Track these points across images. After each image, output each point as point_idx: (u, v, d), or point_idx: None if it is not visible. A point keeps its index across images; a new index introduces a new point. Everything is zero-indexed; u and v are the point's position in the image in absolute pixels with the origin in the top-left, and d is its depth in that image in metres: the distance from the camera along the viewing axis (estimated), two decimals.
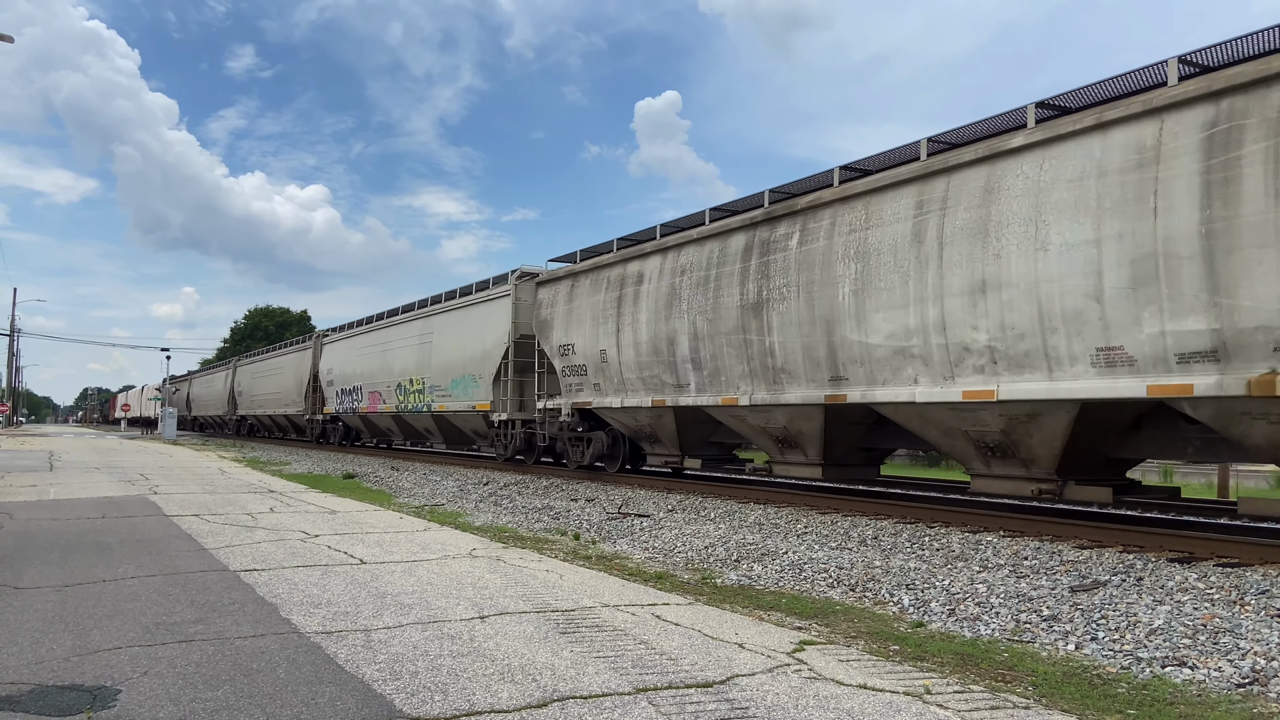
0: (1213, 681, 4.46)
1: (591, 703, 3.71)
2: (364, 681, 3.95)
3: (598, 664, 4.30)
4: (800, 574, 7.41)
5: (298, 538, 8.56)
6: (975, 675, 4.46)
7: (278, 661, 4.25)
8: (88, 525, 9.24)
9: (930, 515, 10.06)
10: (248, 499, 12.41)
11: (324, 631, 4.84)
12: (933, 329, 9.21)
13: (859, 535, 9.14)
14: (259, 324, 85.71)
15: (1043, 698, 4.10)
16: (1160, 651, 4.96)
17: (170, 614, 5.22)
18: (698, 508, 11.64)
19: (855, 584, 6.97)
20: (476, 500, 13.47)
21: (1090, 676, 4.56)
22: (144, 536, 8.47)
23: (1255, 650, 4.83)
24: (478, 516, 11.33)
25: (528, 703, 3.71)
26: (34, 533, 8.63)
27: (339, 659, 4.30)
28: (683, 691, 3.89)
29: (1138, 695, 4.24)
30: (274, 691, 3.79)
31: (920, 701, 3.86)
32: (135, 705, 3.59)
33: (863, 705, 3.78)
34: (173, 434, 45.72)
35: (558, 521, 10.89)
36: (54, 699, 3.67)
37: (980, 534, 8.87)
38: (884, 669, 4.43)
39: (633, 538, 9.58)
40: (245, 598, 5.70)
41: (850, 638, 5.22)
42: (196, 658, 4.29)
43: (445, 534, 9.20)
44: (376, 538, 8.68)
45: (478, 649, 4.54)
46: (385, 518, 10.55)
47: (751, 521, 10.35)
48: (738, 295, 11.94)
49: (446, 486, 15.67)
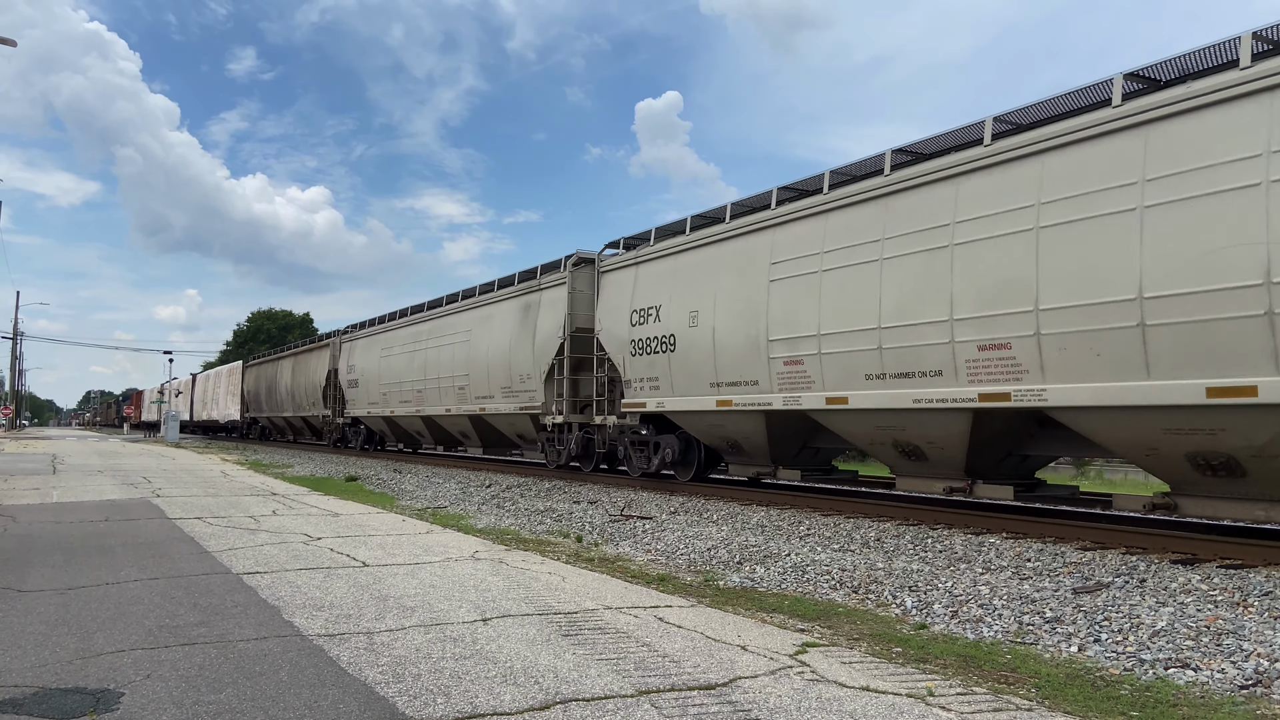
0: (1216, 683, 4.46)
1: (594, 705, 3.71)
2: (367, 684, 3.95)
3: (600, 666, 4.30)
4: (803, 576, 7.41)
5: (300, 540, 8.56)
6: (978, 677, 4.45)
7: (280, 664, 4.25)
8: (91, 528, 9.25)
9: (933, 517, 10.05)
10: (250, 502, 12.42)
11: (327, 634, 4.85)
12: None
13: (862, 537, 9.13)
14: (262, 326, 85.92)
15: (1045, 699, 4.10)
16: (1163, 653, 4.95)
17: (173, 617, 5.22)
18: (700, 510, 11.63)
19: (858, 586, 6.97)
20: (479, 502, 13.48)
21: (1093, 678, 4.56)
22: (147, 539, 8.48)
23: (1258, 652, 4.83)
24: (480, 519, 11.33)
25: (530, 705, 3.71)
26: (37, 536, 8.64)
27: (342, 661, 4.31)
28: (685, 694, 3.89)
29: (1141, 697, 4.23)
30: (277, 694, 3.79)
31: (923, 704, 3.86)
32: (138, 708, 3.60)
33: (865, 707, 3.77)
34: (175, 437, 45.77)
35: (560, 524, 10.89)
36: (57, 701, 3.68)
37: (983, 535, 8.86)
38: (887, 671, 4.43)
39: (635, 540, 9.58)
40: (248, 600, 5.71)
41: (853, 640, 5.21)
42: (199, 660, 4.29)
43: (448, 536, 9.21)
44: (379, 540, 8.69)
45: (480, 651, 4.54)
46: (388, 520, 10.56)
47: (754, 523, 10.34)
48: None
49: (449, 489, 15.68)
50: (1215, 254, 7.12)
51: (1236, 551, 7.40)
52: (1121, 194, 7.81)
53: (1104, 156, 8.02)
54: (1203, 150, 7.30)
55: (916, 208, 9.79)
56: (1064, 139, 8.37)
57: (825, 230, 10.97)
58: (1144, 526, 8.74)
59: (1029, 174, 8.67)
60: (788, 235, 11.55)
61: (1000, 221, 8.85)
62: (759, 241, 12.01)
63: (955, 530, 9.28)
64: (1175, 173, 7.45)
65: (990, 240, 8.93)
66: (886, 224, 10.12)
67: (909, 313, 9.71)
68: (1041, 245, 8.44)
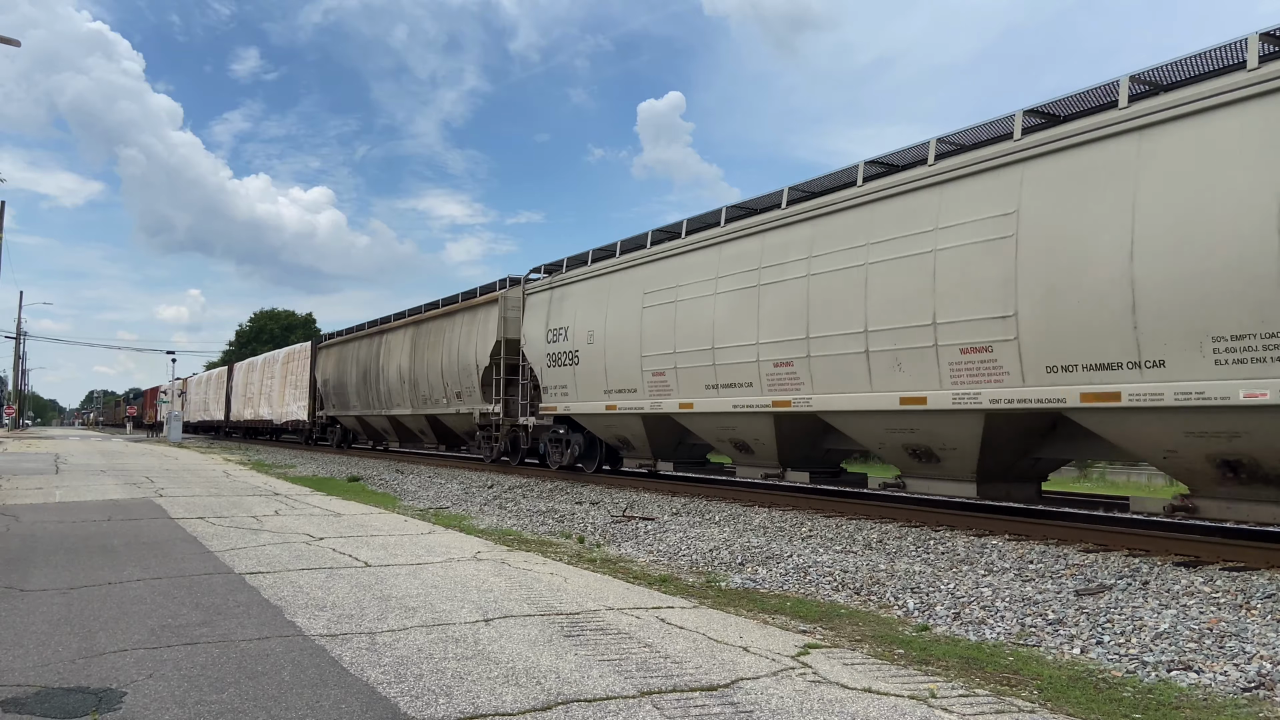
0: (1218, 685, 4.45)
1: (596, 706, 3.71)
2: (368, 684, 3.95)
3: (602, 667, 4.30)
4: (805, 577, 7.40)
5: (303, 540, 8.57)
6: (980, 679, 4.45)
7: (283, 664, 4.26)
8: (93, 528, 9.26)
9: (935, 519, 10.06)
10: (253, 502, 12.43)
11: (329, 634, 4.85)
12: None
13: (864, 539, 9.13)
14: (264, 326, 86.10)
15: (1048, 701, 4.09)
16: (1166, 655, 4.94)
17: (176, 616, 5.23)
18: (702, 511, 11.64)
19: (860, 587, 6.96)
20: (481, 503, 13.48)
21: (1096, 680, 4.55)
22: (149, 539, 8.49)
23: (1261, 654, 4.82)
24: (482, 519, 11.33)
25: (532, 706, 3.71)
26: (40, 535, 8.65)
27: (344, 662, 4.31)
28: (687, 695, 3.89)
29: (1143, 699, 4.23)
30: (279, 694, 3.80)
31: (925, 705, 3.86)
32: (141, 708, 3.60)
33: (867, 709, 3.77)
34: (178, 436, 45.85)
35: (562, 524, 10.89)
36: (60, 701, 3.68)
37: (985, 537, 8.86)
38: (889, 673, 4.42)
39: (637, 541, 9.58)
40: (250, 600, 5.71)
41: (855, 641, 5.21)
42: (202, 660, 4.30)
43: (450, 537, 9.21)
44: (381, 540, 8.69)
45: (482, 652, 4.55)
46: (390, 520, 10.56)
47: (756, 525, 10.34)
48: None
49: (451, 489, 15.68)
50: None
51: (1239, 554, 7.39)
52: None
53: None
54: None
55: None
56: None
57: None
58: (1147, 529, 8.74)
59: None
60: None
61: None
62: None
63: (958, 532, 9.27)
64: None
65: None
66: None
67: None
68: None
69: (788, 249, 11.48)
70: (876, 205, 10.39)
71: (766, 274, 11.77)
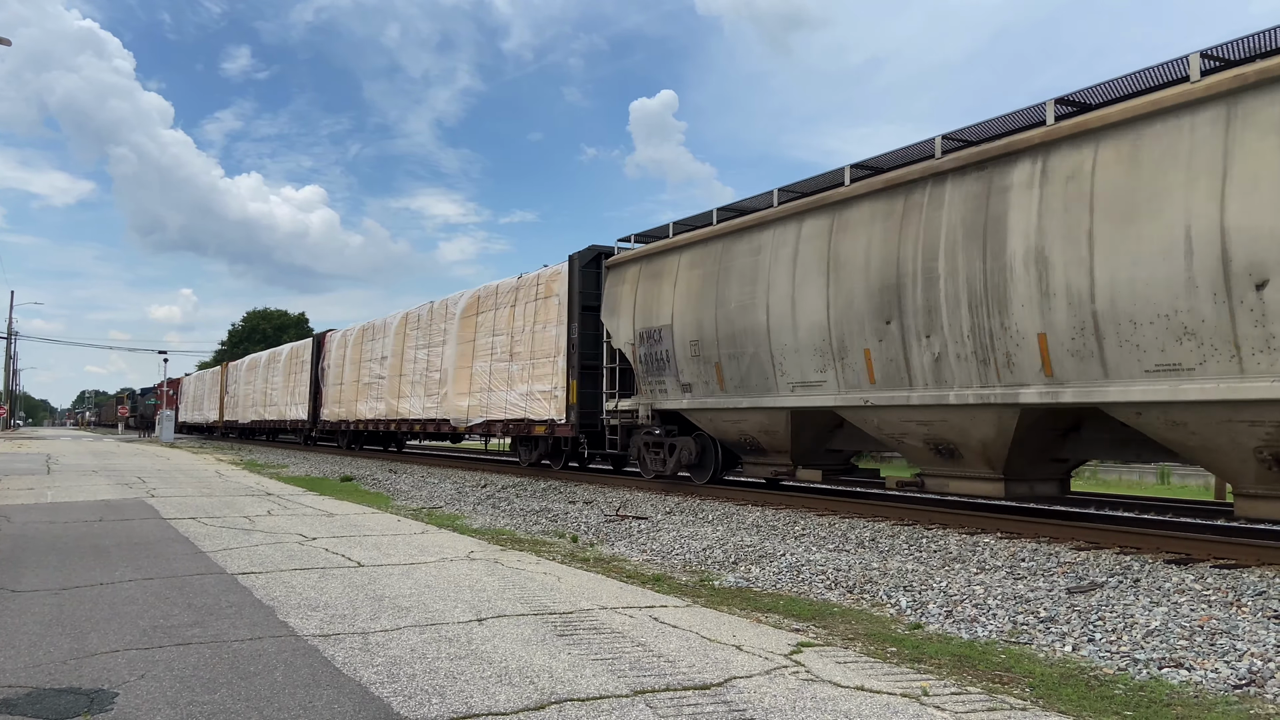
0: (1209, 683, 4.47)
1: (589, 705, 3.71)
2: (361, 684, 3.95)
3: (595, 666, 4.30)
4: (798, 576, 7.41)
5: (295, 540, 8.55)
6: (972, 677, 4.46)
7: (275, 664, 4.25)
8: (85, 528, 9.23)
9: (928, 517, 10.07)
10: (245, 502, 12.40)
11: (321, 634, 4.84)
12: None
13: (857, 537, 9.14)
14: (257, 326, 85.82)
15: (1040, 699, 4.11)
16: (1157, 653, 4.97)
17: (167, 617, 5.22)
18: (696, 510, 11.64)
19: (853, 586, 6.98)
20: (474, 503, 13.47)
21: (1087, 678, 4.57)
22: (141, 540, 8.46)
23: (1252, 651, 4.84)
24: (475, 519, 11.32)
25: (525, 705, 3.71)
26: (31, 536, 8.62)
27: (336, 662, 4.30)
28: (680, 694, 3.90)
29: (1135, 697, 4.25)
30: (271, 694, 3.79)
31: (918, 703, 3.87)
32: (132, 708, 3.59)
33: (860, 707, 3.78)
34: (170, 437, 45.70)
35: (555, 524, 10.89)
36: (51, 702, 3.67)
37: (978, 535, 8.88)
38: (881, 671, 4.43)
39: (631, 540, 9.58)
40: (243, 600, 5.70)
41: (848, 639, 5.22)
42: (194, 660, 4.29)
43: (443, 536, 9.20)
44: (374, 540, 8.68)
45: (475, 652, 4.54)
46: (383, 520, 10.55)
47: (750, 523, 10.35)
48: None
49: (444, 489, 15.66)
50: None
51: (1230, 551, 7.42)
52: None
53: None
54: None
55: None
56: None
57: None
58: (1137, 527, 8.77)
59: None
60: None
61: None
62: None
63: (950, 530, 9.29)
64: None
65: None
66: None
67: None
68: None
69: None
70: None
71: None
